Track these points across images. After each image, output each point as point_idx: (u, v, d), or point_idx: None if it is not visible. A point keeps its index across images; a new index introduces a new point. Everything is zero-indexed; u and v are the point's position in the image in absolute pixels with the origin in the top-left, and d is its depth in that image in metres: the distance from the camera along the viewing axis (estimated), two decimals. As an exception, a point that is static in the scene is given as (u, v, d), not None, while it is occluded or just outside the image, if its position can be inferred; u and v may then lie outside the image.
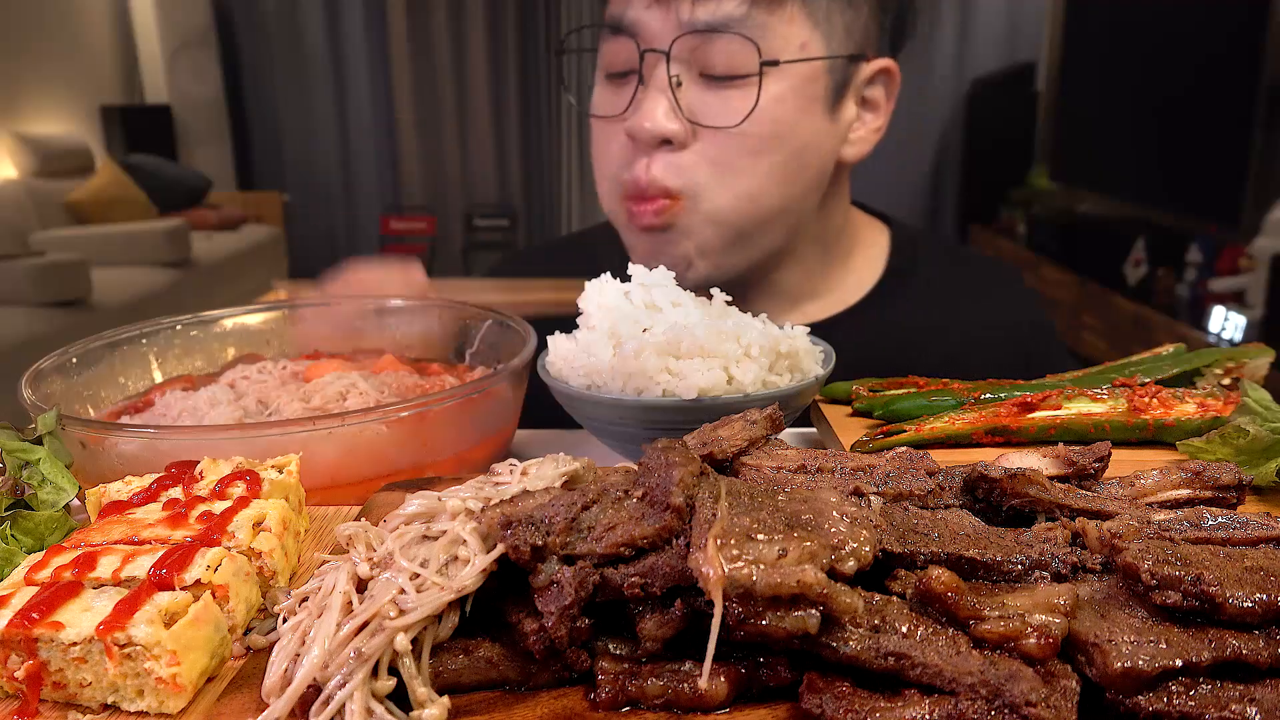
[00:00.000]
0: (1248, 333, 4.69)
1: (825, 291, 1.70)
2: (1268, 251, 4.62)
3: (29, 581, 0.72)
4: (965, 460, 0.89)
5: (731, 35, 1.41)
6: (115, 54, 7.85)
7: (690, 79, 1.46)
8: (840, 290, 1.71)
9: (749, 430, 0.89)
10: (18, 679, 0.67)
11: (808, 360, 1.16)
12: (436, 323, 1.46)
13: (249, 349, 1.45)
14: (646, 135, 1.45)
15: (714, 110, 1.46)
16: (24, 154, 6.72)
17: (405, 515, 0.74)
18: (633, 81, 1.50)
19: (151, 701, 0.67)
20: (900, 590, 0.67)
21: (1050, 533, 0.74)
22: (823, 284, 1.70)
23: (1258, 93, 4.50)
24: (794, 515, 0.66)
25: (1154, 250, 5.65)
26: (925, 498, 0.80)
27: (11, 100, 6.75)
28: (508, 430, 1.24)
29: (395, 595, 0.65)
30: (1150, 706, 0.59)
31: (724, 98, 1.45)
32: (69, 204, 6.82)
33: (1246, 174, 4.67)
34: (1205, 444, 1.00)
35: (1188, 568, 0.64)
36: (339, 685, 0.62)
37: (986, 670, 0.59)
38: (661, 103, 1.45)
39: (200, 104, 8.04)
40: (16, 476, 0.93)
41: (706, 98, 1.46)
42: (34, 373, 1.17)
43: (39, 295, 5.32)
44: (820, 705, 0.60)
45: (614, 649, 0.66)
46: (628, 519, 0.67)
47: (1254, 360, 1.24)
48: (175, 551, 0.73)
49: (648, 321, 1.13)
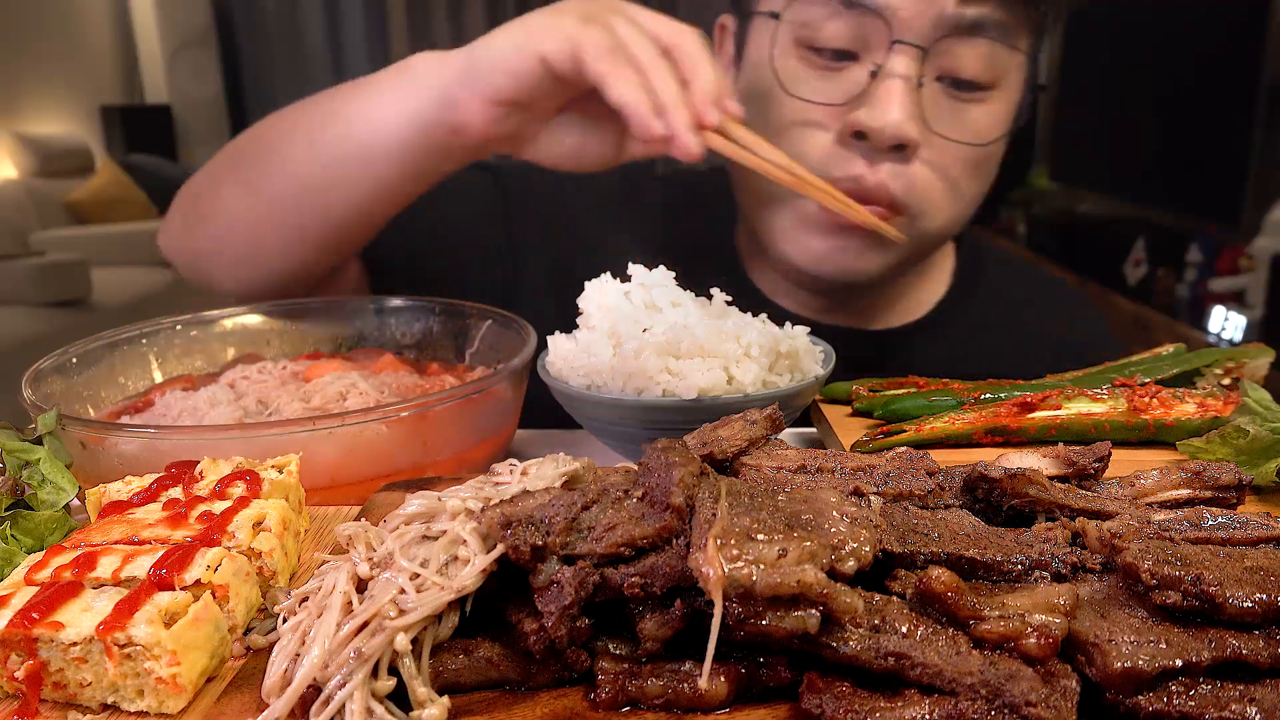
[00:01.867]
0: (1248, 333, 4.69)
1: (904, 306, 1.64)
2: (1268, 251, 4.62)
3: (29, 581, 0.72)
4: (965, 460, 0.89)
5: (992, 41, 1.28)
6: (115, 54, 7.85)
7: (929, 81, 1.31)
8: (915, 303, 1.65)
9: (749, 430, 0.89)
10: (18, 679, 0.67)
11: (808, 360, 1.16)
12: (436, 323, 1.46)
13: (249, 349, 1.44)
14: (886, 137, 1.29)
15: (953, 121, 1.32)
16: (24, 154, 6.72)
17: (405, 515, 0.74)
18: (852, 68, 1.33)
19: (151, 701, 0.67)
20: (900, 590, 0.67)
21: (1050, 533, 0.74)
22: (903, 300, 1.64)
23: (1258, 93, 4.50)
24: (794, 515, 0.66)
25: (1154, 250, 5.65)
26: (925, 498, 0.80)
27: (11, 100, 6.75)
28: (508, 430, 1.24)
29: (395, 595, 0.65)
30: (1150, 706, 0.59)
31: (961, 109, 1.33)
32: (69, 204, 6.83)
33: (1246, 174, 4.67)
34: (1205, 444, 1.00)
35: (1188, 568, 0.64)
36: (339, 685, 0.62)
37: (986, 670, 0.59)
38: (905, 104, 1.29)
39: (200, 104, 8.03)
40: (16, 476, 0.93)
41: (945, 105, 1.33)
42: (34, 373, 1.17)
43: (39, 295, 5.32)
44: (820, 705, 0.60)
45: (614, 649, 0.66)
46: (628, 519, 0.67)
47: (1254, 360, 1.24)
48: (175, 551, 0.73)
49: (648, 321, 1.13)
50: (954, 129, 1.33)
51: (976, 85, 1.33)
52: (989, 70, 1.32)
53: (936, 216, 1.39)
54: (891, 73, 1.29)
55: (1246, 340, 4.52)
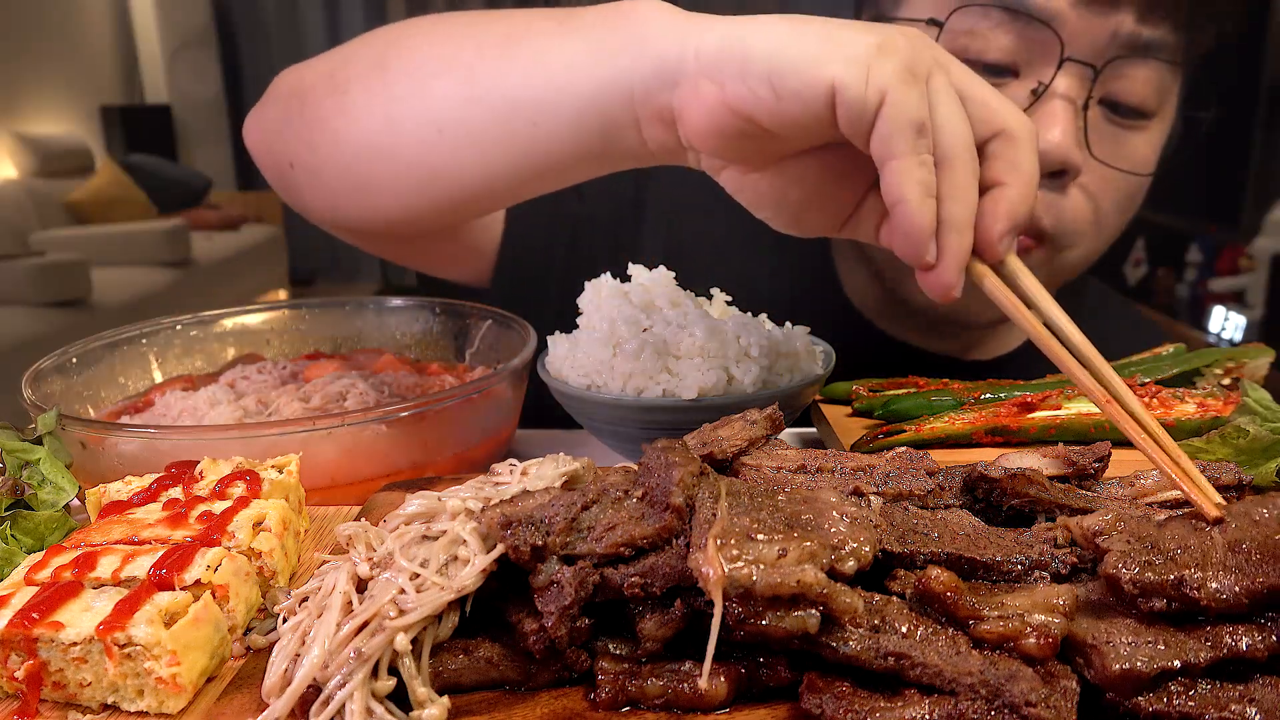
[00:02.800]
0: (1248, 333, 4.70)
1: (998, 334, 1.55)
2: (1268, 251, 4.62)
3: (29, 581, 0.72)
4: (965, 460, 0.89)
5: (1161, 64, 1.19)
6: (115, 54, 7.85)
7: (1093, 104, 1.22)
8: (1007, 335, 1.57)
9: (749, 430, 0.89)
10: (18, 679, 0.67)
11: (808, 360, 1.16)
12: (436, 323, 1.46)
13: (249, 349, 1.44)
14: (1048, 162, 1.18)
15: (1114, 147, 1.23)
16: (24, 154, 6.72)
17: (405, 515, 0.74)
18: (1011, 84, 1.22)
19: (151, 701, 0.67)
20: (900, 590, 0.67)
21: (1050, 533, 0.74)
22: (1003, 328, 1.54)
23: (1258, 93, 4.50)
24: (794, 515, 0.66)
25: (1154, 250, 5.65)
26: (925, 498, 0.80)
27: (11, 100, 6.75)
28: (508, 430, 1.24)
29: (395, 595, 0.65)
30: (1150, 707, 0.59)
31: (1123, 136, 1.23)
32: (69, 204, 6.83)
33: (1246, 174, 4.67)
34: (1205, 444, 1.00)
35: (1169, 568, 0.63)
36: (339, 685, 0.62)
37: (986, 670, 0.59)
38: (1068, 126, 1.18)
39: (200, 104, 8.04)
40: (16, 476, 0.93)
41: (1105, 130, 1.23)
42: (34, 373, 1.17)
43: (39, 295, 5.32)
44: (820, 705, 0.60)
45: (614, 649, 0.66)
46: (628, 519, 0.67)
47: (1254, 360, 1.23)
48: (175, 551, 0.73)
49: (648, 321, 1.13)
50: (1116, 156, 1.24)
51: (1140, 112, 1.24)
52: (1155, 96, 1.23)
53: (1079, 250, 1.30)
54: (1055, 92, 1.19)
55: (1246, 340, 4.52)
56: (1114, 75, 1.20)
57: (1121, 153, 1.24)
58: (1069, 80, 1.19)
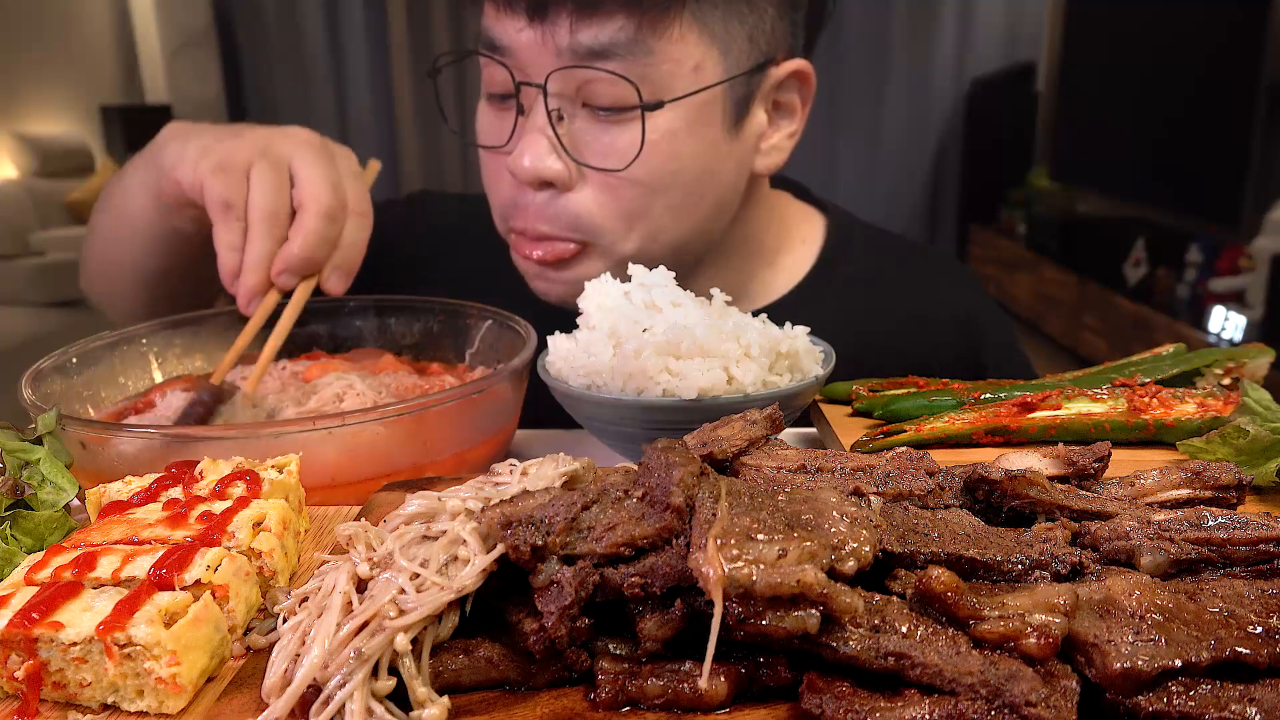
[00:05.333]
0: (1248, 333, 4.70)
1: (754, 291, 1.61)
2: (1268, 251, 4.63)
3: (29, 581, 0.72)
4: (965, 460, 0.89)
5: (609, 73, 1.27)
6: (115, 54, 7.85)
7: (575, 110, 1.32)
8: (768, 288, 1.62)
9: (749, 430, 0.89)
10: (18, 679, 0.67)
11: (808, 360, 1.16)
12: (436, 323, 1.46)
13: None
14: (526, 175, 1.32)
15: (600, 149, 1.32)
16: (24, 154, 6.73)
17: (405, 515, 0.74)
18: (513, 107, 1.35)
19: (151, 701, 0.67)
20: (900, 590, 0.67)
21: (1050, 533, 0.74)
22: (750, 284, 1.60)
23: (1258, 93, 4.50)
24: (794, 515, 0.66)
25: (1154, 250, 5.66)
26: (925, 498, 0.80)
27: (11, 100, 6.76)
28: (508, 430, 1.24)
29: (395, 595, 0.65)
30: (1150, 707, 0.59)
31: (611, 134, 1.32)
32: (69, 204, 6.83)
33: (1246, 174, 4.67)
34: (1205, 444, 1.00)
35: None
36: (339, 685, 0.62)
37: (986, 670, 0.59)
38: (541, 140, 1.31)
39: (200, 104, 8.03)
40: (16, 476, 0.93)
41: (593, 132, 1.32)
42: (34, 373, 1.17)
43: (39, 295, 5.32)
44: (820, 705, 0.60)
45: (614, 649, 0.66)
46: (628, 519, 0.67)
47: (1254, 360, 1.24)
48: (175, 551, 0.73)
49: (648, 321, 1.13)
50: (604, 156, 1.33)
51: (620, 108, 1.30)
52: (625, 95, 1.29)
53: (622, 243, 1.38)
54: (528, 110, 1.34)
55: (1246, 340, 4.52)
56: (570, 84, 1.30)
57: (614, 150, 1.32)
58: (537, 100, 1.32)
